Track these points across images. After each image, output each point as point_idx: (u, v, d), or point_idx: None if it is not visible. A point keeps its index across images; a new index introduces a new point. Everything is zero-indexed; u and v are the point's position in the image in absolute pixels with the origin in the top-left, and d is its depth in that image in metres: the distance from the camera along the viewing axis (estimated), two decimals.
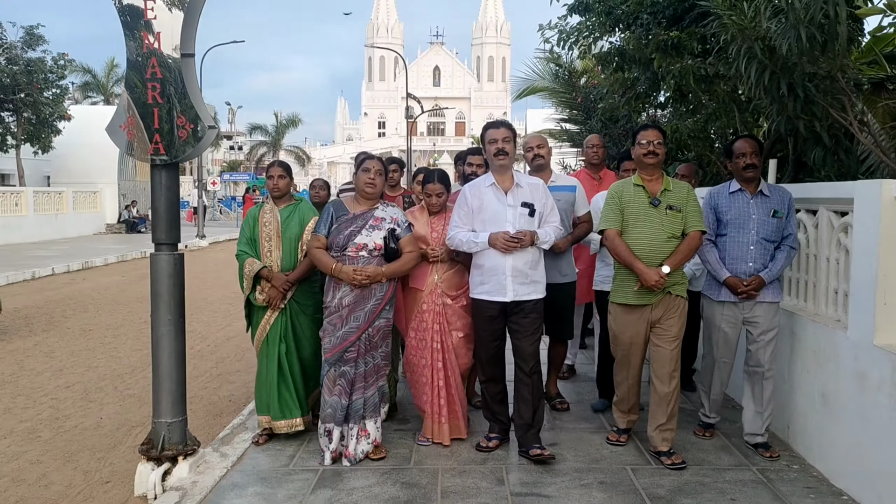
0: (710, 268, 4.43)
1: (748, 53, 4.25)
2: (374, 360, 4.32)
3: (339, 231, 4.24)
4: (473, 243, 4.27)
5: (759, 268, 4.27)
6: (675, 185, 4.28)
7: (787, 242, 4.32)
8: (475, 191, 4.36)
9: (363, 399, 4.28)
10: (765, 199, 4.31)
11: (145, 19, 4.12)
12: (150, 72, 4.15)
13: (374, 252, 4.23)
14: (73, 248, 20.49)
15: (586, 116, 14.19)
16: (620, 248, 4.20)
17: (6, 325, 9.82)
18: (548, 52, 13.09)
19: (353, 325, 4.21)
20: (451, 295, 4.54)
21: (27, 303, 11.90)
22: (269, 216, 4.69)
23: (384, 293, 4.25)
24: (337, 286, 4.24)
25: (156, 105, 4.15)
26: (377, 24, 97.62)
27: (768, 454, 4.33)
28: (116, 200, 28.46)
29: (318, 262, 4.28)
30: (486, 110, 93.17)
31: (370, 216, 4.28)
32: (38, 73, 23.01)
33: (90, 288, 13.92)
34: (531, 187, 4.37)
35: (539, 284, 4.39)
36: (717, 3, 4.51)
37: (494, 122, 4.53)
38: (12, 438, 5.44)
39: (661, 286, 4.11)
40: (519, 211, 4.27)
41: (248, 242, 4.68)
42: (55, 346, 8.68)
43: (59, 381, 7.11)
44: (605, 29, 8.01)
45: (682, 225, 4.18)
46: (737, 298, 4.30)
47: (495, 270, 4.26)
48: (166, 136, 4.17)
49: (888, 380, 3.32)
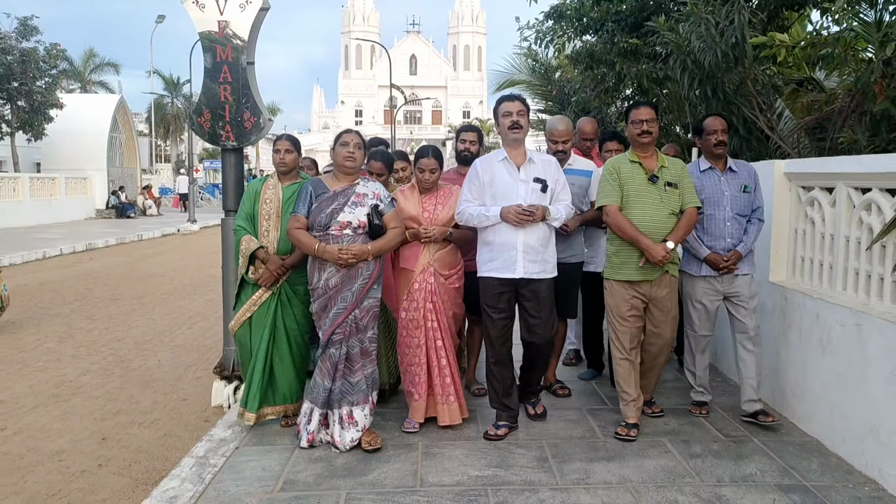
0: (689, 245, 4.43)
1: (682, 64, 5.56)
2: (362, 344, 4.10)
3: (321, 210, 4.03)
4: (485, 217, 4.13)
5: (736, 242, 4.36)
6: (670, 162, 4.29)
7: (756, 215, 4.46)
8: (486, 165, 4.26)
9: (349, 384, 4.09)
10: (734, 174, 4.42)
11: (218, 37, 5.31)
12: (221, 77, 5.34)
13: (357, 230, 4.03)
14: (70, 232, 21.38)
15: (561, 108, 15.45)
16: (624, 223, 4.14)
17: (40, 296, 10.92)
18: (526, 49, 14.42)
19: (340, 305, 4.04)
20: (444, 274, 4.41)
21: (49, 278, 12.94)
22: (271, 192, 4.43)
23: (371, 272, 4.07)
24: (322, 267, 4.03)
25: (227, 102, 5.35)
26: (353, 13, 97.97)
27: (770, 419, 4.36)
28: (105, 186, 29.23)
29: (300, 243, 4.05)
30: (463, 99, 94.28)
31: (352, 192, 4.08)
32: (31, 62, 23.75)
33: (100, 266, 14.96)
34: (544, 163, 4.27)
35: (549, 264, 4.26)
36: (661, 23, 5.81)
37: (509, 95, 4.39)
38: (92, 374, 6.62)
39: (667, 261, 4.13)
40: (531, 186, 4.16)
41: (247, 218, 4.41)
42: (91, 311, 9.80)
43: (108, 336, 8.27)
44: (577, 33, 9.33)
45: (680, 201, 4.20)
46: (716, 273, 4.37)
47: (506, 245, 4.13)
48: (235, 127, 5.36)
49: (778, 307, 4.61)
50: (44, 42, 24.51)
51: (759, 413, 4.38)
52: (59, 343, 7.92)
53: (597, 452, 3.99)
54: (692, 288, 4.51)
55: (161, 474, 4.16)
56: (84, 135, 28.19)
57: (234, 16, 5.29)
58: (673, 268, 4.28)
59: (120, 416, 5.46)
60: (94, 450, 4.80)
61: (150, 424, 5.30)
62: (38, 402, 5.80)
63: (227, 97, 5.35)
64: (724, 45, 5.07)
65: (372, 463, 3.84)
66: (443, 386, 4.35)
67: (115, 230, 22.36)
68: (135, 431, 5.15)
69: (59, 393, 6.03)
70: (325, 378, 4.07)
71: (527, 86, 17.12)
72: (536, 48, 12.96)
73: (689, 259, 4.52)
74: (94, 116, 29.02)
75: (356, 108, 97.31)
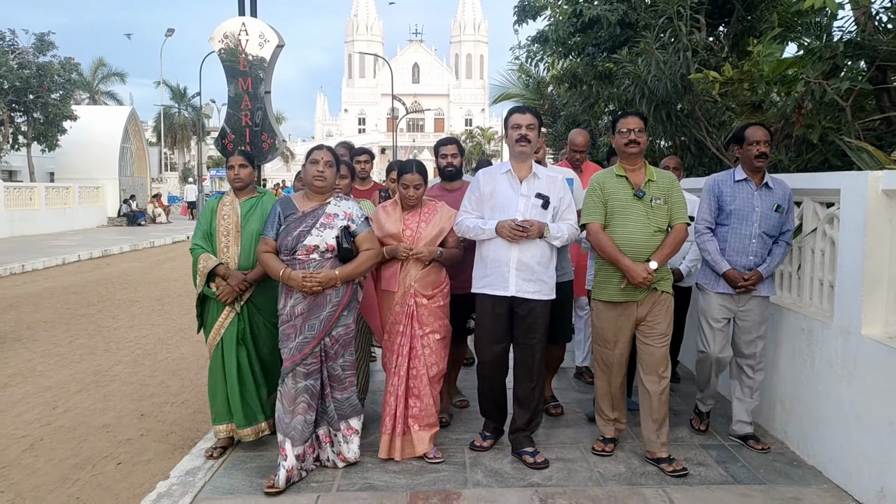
0: (710, 258, 4.24)
1: (640, 92, 6.41)
2: (334, 371, 4.00)
3: (288, 232, 3.87)
4: (481, 230, 4.02)
5: (759, 262, 4.18)
6: (660, 175, 4.09)
7: (785, 238, 4.26)
8: (489, 176, 4.14)
9: (340, 399, 4.04)
10: (769, 191, 4.20)
11: (240, 69, 6.18)
12: (243, 104, 6.21)
13: (326, 254, 3.85)
14: (85, 239, 22.28)
15: (553, 120, 16.37)
16: (605, 242, 3.98)
17: (65, 298, 11.79)
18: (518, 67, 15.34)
19: (308, 334, 3.86)
20: (427, 295, 4.20)
21: (71, 282, 13.80)
22: (228, 209, 4.34)
23: (340, 298, 3.89)
24: (289, 293, 3.88)
25: (247, 126, 6.22)
26: (357, 22, 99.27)
27: (759, 446, 4.31)
28: (117, 195, 30.19)
29: (267, 267, 3.90)
30: (465, 107, 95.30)
31: (321, 213, 3.91)
32: (47, 76, 24.73)
33: (117, 271, 15.82)
34: (549, 179, 4.11)
35: (546, 285, 4.07)
36: (623, 55, 6.66)
37: (521, 106, 4.26)
38: (124, 365, 7.46)
39: (648, 283, 3.90)
40: (532, 202, 4.01)
41: (204, 236, 4.33)
42: (114, 312, 10.64)
43: (133, 333, 9.11)
44: (560, 55, 10.20)
45: (668, 217, 4.00)
46: (733, 291, 4.21)
47: (498, 261, 4.00)
48: (254, 148, 6.22)
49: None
50: (59, 56, 25.49)
51: (750, 437, 4.36)
52: (90, 339, 8.76)
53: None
54: (708, 304, 4.29)
55: (193, 442, 4.98)
56: (97, 145, 29.19)
57: (254, 52, 6.15)
58: (663, 284, 4.04)
59: (154, 398, 6.30)
60: (135, 423, 5.63)
61: (181, 404, 6.12)
62: (80, 387, 6.63)
63: (248, 122, 6.22)
64: (673, 77, 5.92)
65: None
66: (394, 418, 4.18)
67: (127, 237, 23.26)
68: (168, 409, 5.97)
69: (98, 380, 6.87)
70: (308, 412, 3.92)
71: (521, 99, 18.06)
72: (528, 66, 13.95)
73: (707, 272, 4.32)
74: (107, 127, 30.04)
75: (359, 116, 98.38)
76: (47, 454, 4.97)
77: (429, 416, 4.21)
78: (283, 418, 3.90)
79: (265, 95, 6.24)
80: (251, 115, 6.18)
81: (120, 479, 4.55)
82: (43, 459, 4.88)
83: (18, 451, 5.04)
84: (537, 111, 4.22)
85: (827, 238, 4.22)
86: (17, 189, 24.00)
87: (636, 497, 3.75)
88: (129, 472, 4.67)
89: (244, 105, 6.18)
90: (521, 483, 3.92)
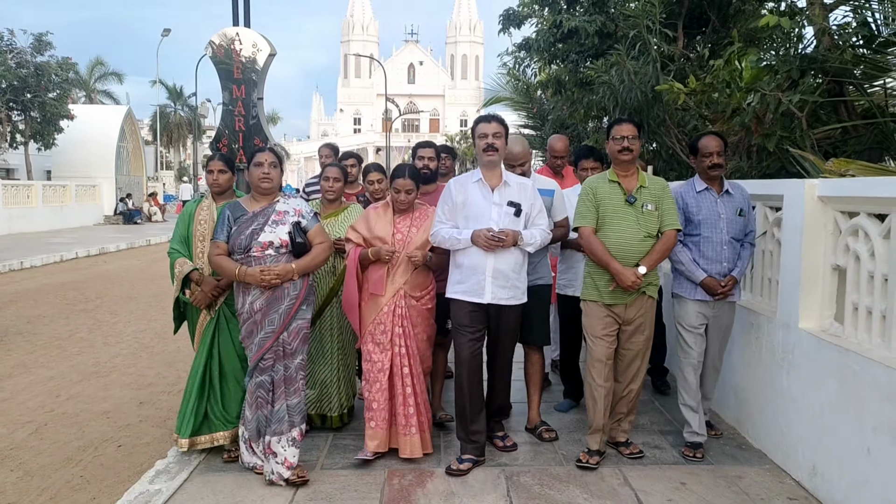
0: (684, 269, 4.32)
1: (614, 101, 6.77)
2: (286, 371, 3.98)
3: (240, 232, 3.91)
4: (456, 240, 4.06)
5: (731, 267, 4.29)
6: (651, 182, 4.17)
7: (749, 240, 4.39)
8: (460, 186, 4.17)
9: (292, 405, 3.99)
10: (730, 197, 4.33)
11: (234, 77, 6.52)
12: (237, 110, 6.56)
13: (280, 249, 3.91)
14: (82, 237, 22.58)
15: (541, 123, 16.75)
16: (596, 246, 4.06)
17: (64, 294, 12.11)
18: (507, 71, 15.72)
19: (268, 329, 3.92)
20: (416, 296, 4.27)
21: (69, 279, 14.13)
22: (205, 213, 4.36)
23: (298, 292, 3.95)
24: (246, 291, 3.92)
25: (241, 131, 6.56)
26: (353, 22, 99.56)
27: (713, 432, 4.56)
28: (113, 193, 30.49)
29: (221, 269, 3.93)
30: (460, 108, 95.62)
31: (271, 211, 3.96)
32: (45, 75, 25.03)
33: (115, 269, 16.15)
34: (520, 186, 4.17)
35: (519, 290, 4.18)
36: (598, 66, 7.03)
37: (486, 115, 4.26)
38: (122, 357, 7.80)
39: (637, 287, 4.01)
40: (504, 210, 4.08)
41: (182, 241, 4.36)
42: (112, 308, 10.98)
43: (131, 328, 9.44)
44: (545, 62, 10.56)
45: (658, 223, 4.08)
46: (711, 298, 4.29)
47: (475, 270, 4.06)
48: (247, 151, 6.57)
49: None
50: (56, 56, 25.79)
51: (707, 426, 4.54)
52: (90, 333, 9.09)
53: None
54: (685, 312, 4.38)
55: None
56: (93, 144, 29.52)
57: (247, 61, 6.50)
58: (651, 289, 4.16)
59: (151, 387, 6.64)
60: (134, 410, 5.97)
61: (178, 393, 6.44)
62: (81, 377, 6.97)
63: (241, 126, 6.56)
64: (643, 87, 6.29)
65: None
66: (406, 416, 4.21)
67: (124, 235, 23.56)
68: (165, 398, 6.32)
69: (98, 371, 7.21)
70: (263, 407, 4.00)
71: (511, 102, 18.44)
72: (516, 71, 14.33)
73: (681, 281, 4.40)
74: (104, 126, 30.37)
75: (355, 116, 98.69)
76: (52, 437, 5.32)
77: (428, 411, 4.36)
78: (246, 414, 4.08)
79: (258, 101, 6.58)
80: (244, 120, 6.52)
81: (121, 460, 4.90)
82: (48, 442, 5.22)
83: (24, 434, 5.38)
84: (503, 119, 4.22)
85: (774, 239, 4.58)
86: (15, 187, 24.31)
87: (594, 475, 4.10)
88: (130, 453, 5.02)
89: (238, 111, 6.52)
90: (490, 463, 4.27)
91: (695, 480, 4.03)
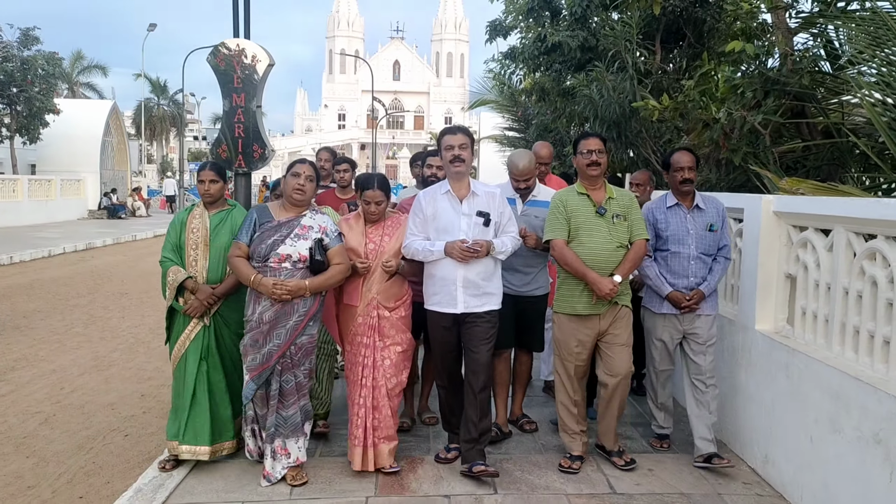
0: (651, 283, 4.44)
1: (594, 113, 7.19)
2: (296, 378, 4.07)
3: (262, 240, 3.96)
4: (429, 252, 4.10)
5: (699, 281, 4.36)
6: (619, 194, 4.28)
7: (723, 254, 4.45)
8: (430, 198, 4.23)
9: (282, 417, 4.06)
10: (700, 213, 4.40)
11: (234, 86, 6.84)
12: (236, 118, 6.87)
13: (297, 264, 3.95)
14: (68, 232, 22.70)
15: (526, 126, 17.17)
16: (570, 257, 4.13)
17: (56, 289, 12.35)
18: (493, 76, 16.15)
19: (275, 342, 3.96)
20: (389, 307, 4.26)
21: (59, 275, 14.35)
22: (197, 222, 4.37)
23: (308, 309, 3.99)
24: (258, 300, 3.96)
25: (240, 138, 6.88)
26: (338, 18, 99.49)
27: (724, 462, 4.31)
28: (98, 188, 30.54)
29: (238, 271, 3.98)
30: (445, 105, 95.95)
31: (296, 224, 4.02)
32: (31, 70, 25.07)
33: (102, 264, 16.36)
34: (488, 196, 4.21)
35: (493, 297, 4.21)
36: (580, 80, 7.44)
37: (451, 127, 4.31)
38: (120, 352, 8.11)
39: (614, 295, 4.09)
40: (474, 220, 4.13)
41: (174, 249, 4.34)
42: (105, 303, 11.25)
43: (125, 323, 9.73)
44: (530, 70, 10.97)
45: (628, 234, 4.18)
46: (677, 311, 4.39)
47: (446, 280, 4.13)
48: (246, 157, 6.89)
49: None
50: (43, 51, 25.83)
51: (713, 456, 4.33)
52: (86, 328, 9.38)
53: None
54: (653, 325, 4.53)
55: None
56: (78, 138, 29.56)
57: (247, 71, 6.82)
58: (624, 298, 4.25)
59: (151, 381, 6.97)
60: (136, 402, 6.30)
61: None
62: (82, 371, 7.28)
63: (241, 133, 6.87)
64: (621, 102, 6.71)
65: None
66: (364, 430, 4.21)
67: (110, 230, 23.70)
68: (166, 391, 6.60)
69: (98, 365, 7.52)
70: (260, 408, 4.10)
71: (496, 105, 18.87)
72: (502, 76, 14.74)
73: (651, 295, 4.53)
74: (89, 121, 30.41)
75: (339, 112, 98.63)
76: (62, 427, 5.64)
77: (387, 427, 4.26)
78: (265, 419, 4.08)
79: (257, 109, 6.90)
80: (244, 127, 6.84)
81: (129, 448, 5.24)
82: (58, 431, 5.55)
83: (35, 424, 5.70)
84: (468, 130, 4.30)
85: (737, 249, 5.00)
86: (1, 181, 24.35)
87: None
88: (137, 441, 5.37)
89: (237, 119, 6.84)
90: None
91: (661, 467, 4.45)
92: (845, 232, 3.75)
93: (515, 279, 4.68)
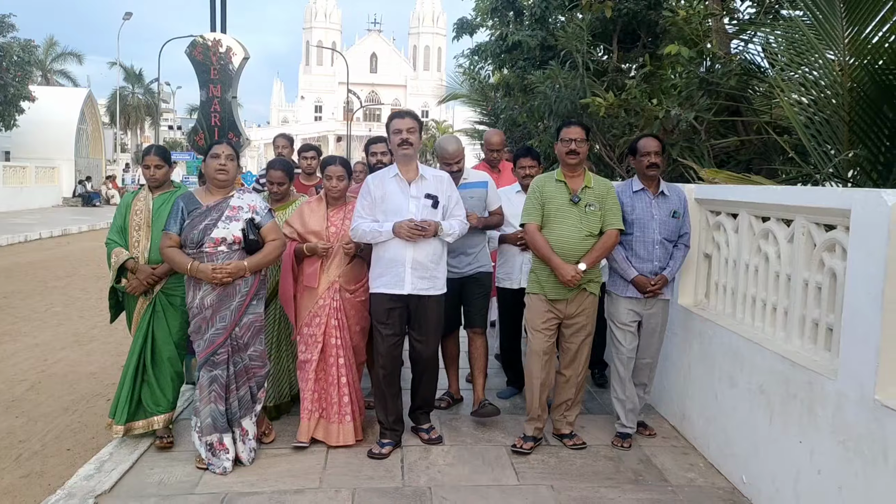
0: (618, 266, 4.49)
1: (548, 109, 7.71)
2: (243, 362, 4.08)
3: (193, 226, 3.91)
4: (378, 233, 4.15)
5: (663, 266, 4.46)
6: (597, 182, 4.35)
7: (683, 241, 4.57)
8: (378, 181, 4.28)
9: (237, 400, 4.07)
10: (665, 199, 4.48)
11: (211, 77, 7.27)
12: (212, 108, 7.31)
13: (233, 246, 3.92)
14: (44, 218, 22.85)
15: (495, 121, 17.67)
16: (539, 242, 4.25)
17: (34, 273, 12.67)
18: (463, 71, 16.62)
19: (219, 325, 3.95)
20: (350, 289, 4.39)
21: (36, 259, 14.64)
22: (141, 204, 4.42)
23: (249, 288, 3.99)
24: (197, 285, 3.94)
25: (216, 127, 7.32)
26: (315, 9, 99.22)
27: (647, 432, 4.72)
28: (72, 176, 30.59)
29: (172, 262, 3.95)
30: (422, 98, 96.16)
31: (225, 206, 3.97)
32: (6, 57, 25.08)
33: (78, 249, 16.63)
34: (436, 179, 4.31)
35: (439, 280, 4.30)
36: (538, 76, 7.96)
37: (400, 111, 4.37)
38: (99, 329, 8.50)
39: (576, 282, 4.17)
40: (422, 202, 4.21)
41: (119, 231, 4.42)
42: (83, 285, 11.60)
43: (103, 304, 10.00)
44: (496, 67, 11.47)
45: (600, 223, 4.25)
46: (641, 295, 4.46)
47: (395, 261, 4.18)
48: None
49: None
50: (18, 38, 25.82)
51: (639, 424, 4.76)
52: (65, 308, 9.76)
53: None
54: (616, 308, 4.56)
55: None
56: (53, 126, 29.60)
57: (223, 63, 7.25)
58: (592, 286, 4.35)
59: None
60: (117, 372, 6.58)
61: None
62: (64, 345, 7.69)
63: (217, 123, 7.31)
64: (573, 98, 7.25)
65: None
66: (340, 405, 4.34)
67: (84, 217, 23.87)
68: None
69: (79, 340, 7.93)
70: (218, 402, 4.00)
71: (467, 99, 19.35)
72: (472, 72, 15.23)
73: (615, 279, 4.58)
74: (64, 109, 30.44)
75: (316, 103, 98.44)
76: (47, 392, 6.08)
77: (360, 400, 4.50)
78: (197, 406, 4.06)
79: (232, 100, 7.34)
80: (219, 117, 7.28)
81: None
82: (45, 395, 5.99)
83: (22, 390, 6.13)
84: (416, 115, 4.41)
85: None
86: None
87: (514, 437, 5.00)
88: None
89: (213, 108, 7.27)
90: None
91: (592, 425, 4.98)
92: (748, 215, 4.32)
93: (460, 262, 4.88)
